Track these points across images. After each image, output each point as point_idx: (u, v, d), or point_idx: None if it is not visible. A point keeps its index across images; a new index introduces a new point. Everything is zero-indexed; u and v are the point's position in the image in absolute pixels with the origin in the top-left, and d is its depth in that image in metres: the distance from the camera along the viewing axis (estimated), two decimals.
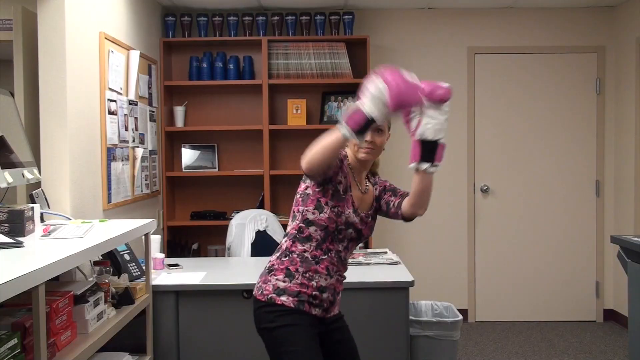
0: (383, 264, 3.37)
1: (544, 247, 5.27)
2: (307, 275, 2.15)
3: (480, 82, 5.23)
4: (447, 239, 5.28)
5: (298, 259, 2.16)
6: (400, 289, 2.97)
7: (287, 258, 2.18)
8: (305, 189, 2.20)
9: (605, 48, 5.21)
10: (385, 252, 3.63)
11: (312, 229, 2.15)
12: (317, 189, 2.15)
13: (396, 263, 3.38)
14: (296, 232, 2.18)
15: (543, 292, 5.27)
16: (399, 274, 3.15)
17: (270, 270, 2.19)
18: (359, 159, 2.24)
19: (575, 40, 5.22)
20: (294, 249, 2.18)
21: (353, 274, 2.76)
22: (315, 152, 1.95)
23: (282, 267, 2.17)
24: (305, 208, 2.16)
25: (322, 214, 2.13)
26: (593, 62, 5.23)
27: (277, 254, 2.22)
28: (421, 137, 1.93)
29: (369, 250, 3.72)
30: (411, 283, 2.99)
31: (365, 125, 1.86)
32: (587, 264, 5.28)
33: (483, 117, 5.24)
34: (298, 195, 2.22)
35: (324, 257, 2.17)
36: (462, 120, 5.23)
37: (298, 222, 2.18)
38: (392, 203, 2.26)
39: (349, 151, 2.25)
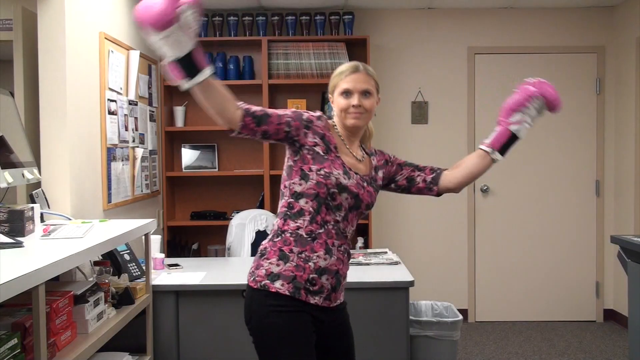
0: (383, 264, 3.37)
1: (544, 247, 5.27)
2: (303, 255, 1.94)
3: (480, 82, 5.23)
4: (447, 239, 5.28)
5: (292, 238, 1.96)
6: (400, 289, 2.97)
7: (279, 238, 1.98)
8: (287, 162, 2.05)
9: (605, 48, 5.21)
10: (385, 252, 3.63)
11: (302, 201, 1.97)
12: (295, 158, 2.00)
13: (396, 263, 3.38)
14: (286, 209, 2.00)
15: (543, 292, 5.27)
16: (399, 274, 3.15)
17: (262, 254, 2.00)
18: (348, 126, 2.06)
19: (575, 40, 5.22)
20: (286, 227, 1.98)
21: (353, 274, 2.75)
22: (209, 111, 1.92)
23: (274, 248, 1.97)
24: (292, 181, 1.99)
25: (309, 182, 1.96)
26: (593, 62, 5.23)
27: (270, 235, 2.04)
28: (516, 132, 2.15)
29: (369, 250, 3.72)
30: (411, 283, 2.99)
31: (182, 67, 1.75)
32: (587, 264, 5.28)
33: (483, 117, 5.24)
34: (283, 173, 2.06)
35: (320, 230, 1.96)
36: (462, 120, 5.23)
37: (287, 198, 2.00)
38: (420, 178, 2.24)
39: (336, 119, 2.10)
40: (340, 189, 1.97)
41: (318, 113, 2.05)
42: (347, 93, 2.04)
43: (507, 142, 2.10)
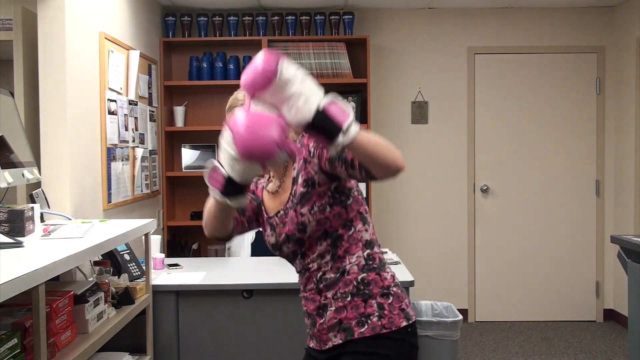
0: None
1: (544, 247, 5.27)
2: (303, 288, 1.84)
3: (480, 82, 5.23)
4: (447, 239, 5.28)
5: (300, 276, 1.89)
6: None
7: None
8: None
9: (605, 48, 5.21)
10: (385, 252, 3.63)
11: (376, 249, 1.81)
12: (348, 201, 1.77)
13: (396, 263, 3.38)
14: (371, 262, 1.80)
15: (543, 292, 5.27)
16: (399, 274, 3.12)
17: None
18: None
19: (575, 40, 5.22)
20: (387, 283, 1.79)
21: None
22: (205, 221, 1.75)
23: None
24: (357, 229, 1.79)
25: (370, 226, 1.81)
26: (593, 62, 5.23)
27: None
28: (301, 124, 1.38)
29: None
30: (411, 283, 2.99)
31: (228, 186, 1.49)
32: (587, 264, 5.28)
33: (483, 117, 5.24)
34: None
35: (300, 280, 1.84)
36: (462, 120, 5.23)
37: (359, 252, 1.80)
38: (350, 170, 1.59)
39: None
40: (276, 249, 1.82)
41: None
42: None
43: (318, 131, 1.39)
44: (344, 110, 1.39)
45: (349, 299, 1.71)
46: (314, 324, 1.78)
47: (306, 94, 1.36)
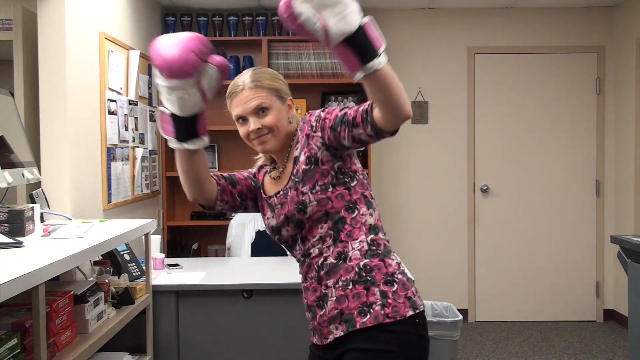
0: None
1: (543, 247, 5.27)
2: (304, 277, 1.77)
3: (480, 82, 5.23)
4: (447, 239, 5.27)
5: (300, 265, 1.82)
6: None
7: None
8: None
9: (605, 48, 5.21)
10: None
11: (381, 235, 1.72)
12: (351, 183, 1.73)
13: None
14: (374, 248, 1.72)
15: (543, 292, 5.27)
16: None
17: None
18: (262, 153, 1.84)
19: (575, 40, 5.22)
20: (392, 269, 1.69)
21: None
22: (182, 183, 1.72)
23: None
24: (361, 212, 1.72)
25: (376, 210, 1.74)
26: (593, 62, 5.23)
27: None
28: (343, 33, 1.34)
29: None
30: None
31: (177, 126, 1.55)
32: (587, 264, 5.28)
33: (483, 117, 5.24)
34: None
35: (301, 269, 1.77)
36: (462, 120, 5.23)
37: (363, 237, 1.72)
38: (354, 130, 1.54)
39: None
40: (275, 232, 1.76)
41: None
42: (241, 119, 1.75)
43: (354, 50, 1.36)
44: (380, 34, 1.37)
45: (350, 287, 1.61)
46: (314, 317, 1.70)
47: (352, 6, 1.34)
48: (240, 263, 3.70)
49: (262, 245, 3.97)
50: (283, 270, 3.18)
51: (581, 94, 5.24)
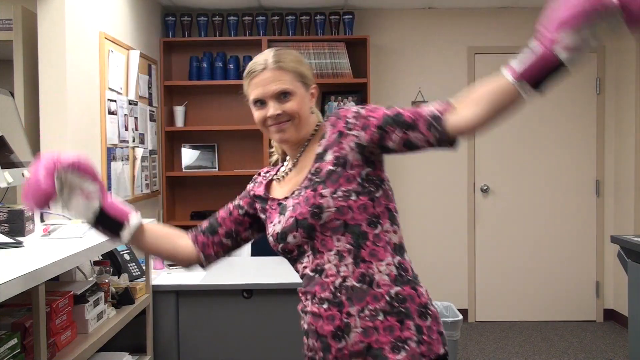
0: None
1: (544, 247, 5.27)
2: (307, 296, 1.49)
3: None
4: (447, 239, 5.28)
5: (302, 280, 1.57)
6: None
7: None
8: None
9: (605, 48, 5.21)
10: None
11: (407, 257, 1.58)
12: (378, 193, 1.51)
13: None
14: (404, 273, 1.53)
15: (543, 292, 5.27)
16: None
17: None
18: (278, 142, 1.60)
19: None
20: (424, 300, 1.51)
21: None
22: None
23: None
24: (384, 228, 1.52)
25: (399, 228, 1.55)
26: (593, 62, 5.23)
27: None
28: (566, 61, 1.24)
29: None
30: None
31: (104, 226, 1.51)
32: (587, 264, 5.28)
33: None
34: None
35: (306, 286, 1.49)
36: None
37: (388, 258, 1.52)
38: (418, 138, 1.41)
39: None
40: (280, 239, 1.50)
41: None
42: (259, 102, 1.53)
43: (547, 74, 1.25)
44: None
45: (380, 317, 1.39)
46: (327, 349, 1.43)
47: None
48: (240, 263, 3.70)
49: (262, 245, 3.96)
50: (283, 270, 3.17)
51: (581, 94, 5.24)
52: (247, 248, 3.99)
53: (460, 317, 3.45)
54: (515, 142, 5.26)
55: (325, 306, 1.42)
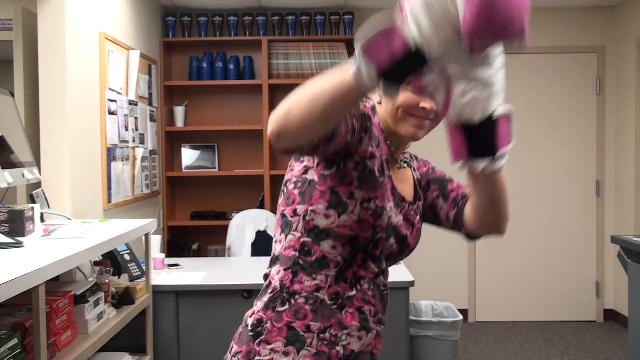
0: None
1: (543, 247, 5.27)
2: (327, 335, 1.21)
3: None
4: (447, 239, 5.26)
5: (307, 306, 1.22)
6: (400, 289, 2.97)
7: (286, 306, 1.24)
8: (304, 171, 1.24)
9: (605, 48, 5.21)
10: None
11: (326, 245, 1.22)
12: (327, 172, 1.21)
13: (397, 263, 3.38)
14: (297, 253, 1.24)
15: (543, 292, 5.27)
16: (399, 273, 3.15)
17: (255, 331, 1.27)
18: (403, 135, 1.27)
19: (575, 40, 5.22)
20: (297, 287, 1.24)
21: None
22: (297, 104, 1.00)
23: (278, 324, 1.23)
24: (311, 207, 1.21)
25: (344, 216, 1.19)
26: (593, 62, 5.23)
27: (265, 298, 1.29)
28: (460, 119, 0.98)
29: None
30: (411, 283, 2.99)
31: (403, 63, 0.85)
32: (587, 264, 5.28)
33: None
34: (290, 185, 1.25)
35: (351, 293, 1.23)
36: None
37: (299, 234, 1.24)
38: (443, 210, 1.40)
39: (381, 115, 1.30)
40: (388, 233, 1.26)
41: (372, 102, 1.27)
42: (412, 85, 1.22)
43: (469, 138, 1.00)
44: (510, 133, 1.00)
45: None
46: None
47: (493, 89, 0.92)
48: (240, 263, 3.70)
49: (262, 246, 3.97)
50: None
51: (581, 94, 5.24)
52: (247, 248, 4.00)
53: (460, 317, 3.45)
54: (516, 141, 5.24)
55: (380, 327, 1.31)
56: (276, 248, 1.30)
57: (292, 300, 1.23)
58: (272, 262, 1.32)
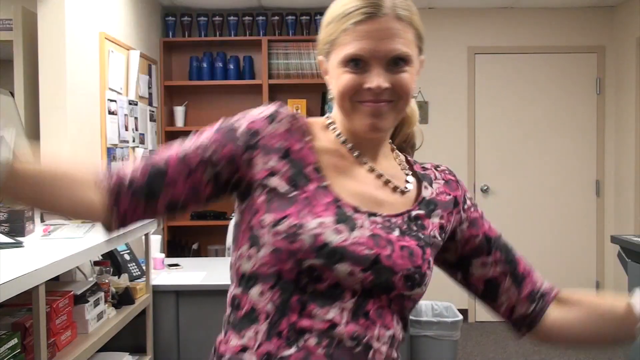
0: None
1: (543, 247, 5.27)
2: None
3: (480, 82, 5.23)
4: None
5: None
6: None
7: None
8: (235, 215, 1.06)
9: (605, 48, 5.21)
10: None
11: (254, 292, 0.99)
12: (242, 205, 1.02)
13: None
14: (230, 309, 1.06)
15: None
16: None
17: None
18: (359, 131, 1.02)
19: (575, 40, 5.22)
20: (222, 349, 1.01)
21: None
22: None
23: None
24: (239, 252, 1.03)
25: (262, 251, 0.96)
26: (593, 62, 5.23)
27: None
28: None
29: None
30: None
31: None
32: (587, 264, 5.28)
33: (483, 117, 5.24)
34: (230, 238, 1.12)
35: (288, 352, 0.93)
36: (462, 120, 5.23)
37: (232, 287, 1.08)
38: (506, 296, 1.18)
39: (336, 111, 1.09)
40: (327, 256, 0.92)
41: (272, 109, 1.05)
42: (354, 63, 0.98)
43: None
44: None
45: None
46: None
47: None
48: None
49: None
50: None
51: (581, 94, 5.24)
52: None
53: (460, 317, 3.45)
54: (516, 142, 5.25)
55: None
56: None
57: None
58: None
